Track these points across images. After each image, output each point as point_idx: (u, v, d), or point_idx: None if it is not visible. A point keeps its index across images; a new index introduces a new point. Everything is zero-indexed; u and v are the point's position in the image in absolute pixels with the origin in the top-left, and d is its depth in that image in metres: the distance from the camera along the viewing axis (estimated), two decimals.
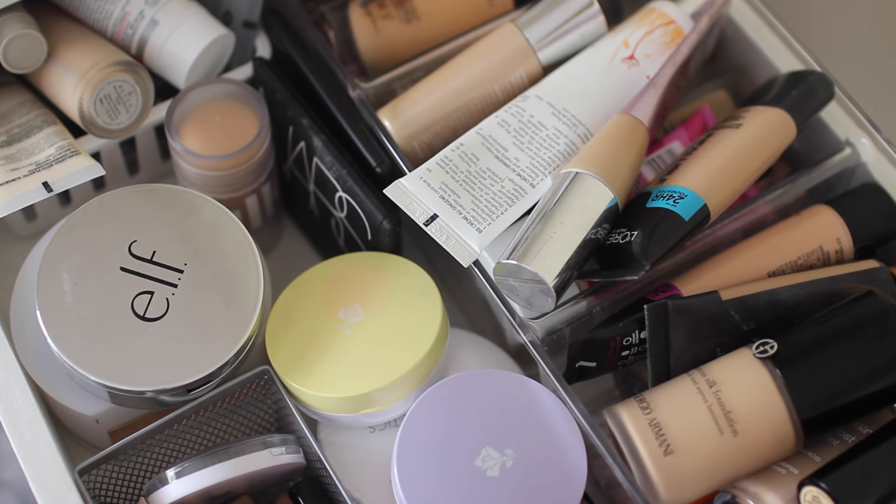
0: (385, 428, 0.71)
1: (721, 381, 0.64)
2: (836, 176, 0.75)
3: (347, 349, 0.70)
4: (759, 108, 0.73)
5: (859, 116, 0.74)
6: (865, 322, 0.64)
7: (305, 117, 0.76)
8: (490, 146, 0.71)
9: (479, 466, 0.65)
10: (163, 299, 0.69)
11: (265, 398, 0.73)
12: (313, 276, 0.74)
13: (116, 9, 0.77)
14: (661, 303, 0.66)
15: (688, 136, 0.77)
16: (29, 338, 0.72)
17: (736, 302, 0.67)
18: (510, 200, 0.69)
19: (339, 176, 0.75)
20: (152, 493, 0.67)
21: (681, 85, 0.74)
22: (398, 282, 0.72)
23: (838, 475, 0.61)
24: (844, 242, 0.72)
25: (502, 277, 0.67)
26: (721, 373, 0.64)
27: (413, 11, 0.80)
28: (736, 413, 0.63)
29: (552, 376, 0.66)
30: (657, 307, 0.66)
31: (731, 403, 0.63)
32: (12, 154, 0.73)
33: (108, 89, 0.74)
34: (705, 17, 0.74)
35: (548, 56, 0.75)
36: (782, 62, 0.78)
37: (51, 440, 0.67)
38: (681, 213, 0.67)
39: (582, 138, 0.71)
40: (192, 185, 0.76)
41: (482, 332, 0.77)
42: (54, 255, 0.70)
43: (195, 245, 0.71)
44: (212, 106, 0.76)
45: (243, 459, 0.67)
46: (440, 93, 0.74)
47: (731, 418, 0.63)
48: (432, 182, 0.69)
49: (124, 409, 0.71)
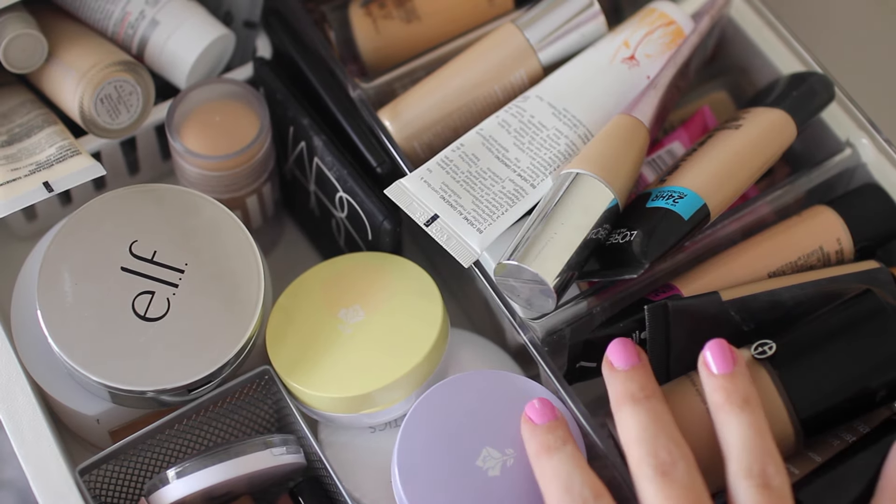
0: (386, 428, 0.71)
1: None
2: (837, 176, 0.75)
3: (348, 349, 0.70)
4: (760, 109, 0.73)
5: (859, 117, 0.74)
6: (864, 321, 0.64)
7: (306, 117, 0.76)
8: (490, 146, 0.71)
9: (479, 467, 0.65)
10: (164, 299, 0.69)
11: (266, 398, 0.73)
12: (314, 276, 0.74)
13: (117, 9, 0.77)
14: (661, 303, 0.66)
15: (688, 136, 0.77)
16: (30, 338, 0.72)
17: (736, 302, 0.67)
18: (511, 201, 0.69)
19: (339, 176, 0.75)
20: (153, 492, 0.67)
21: (681, 85, 0.74)
22: (399, 282, 0.72)
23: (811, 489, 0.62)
24: (844, 243, 0.72)
25: (503, 278, 0.67)
26: None
27: (413, 11, 0.80)
28: None
29: (553, 377, 0.66)
30: (657, 308, 0.66)
31: None
32: (13, 154, 0.73)
33: (109, 89, 0.74)
34: (706, 17, 0.74)
35: (548, 56, 0.75)
36: (782, 63, 0.78)
37: (51, 440, 0.67)
38: (680, 212, 0.67)
39: (582, 139, 0.71)
40: (192, 185, 0.76)
41: (483, 332, 0.77)
42: (55, 254, 0.70)
43: (196, 245, 0.71)
44: (212, 106, 0.76)
45: (244, 459, 0.67)
46: (441, 93, 0.74)
47: None
48: (433, 182, 0.69)
49: (125, 409, 0.71)
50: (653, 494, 0.58)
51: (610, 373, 0.63)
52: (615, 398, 0.62)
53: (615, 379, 0.62)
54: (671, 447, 0.59)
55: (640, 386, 0.61)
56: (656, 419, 0.60)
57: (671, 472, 0.58)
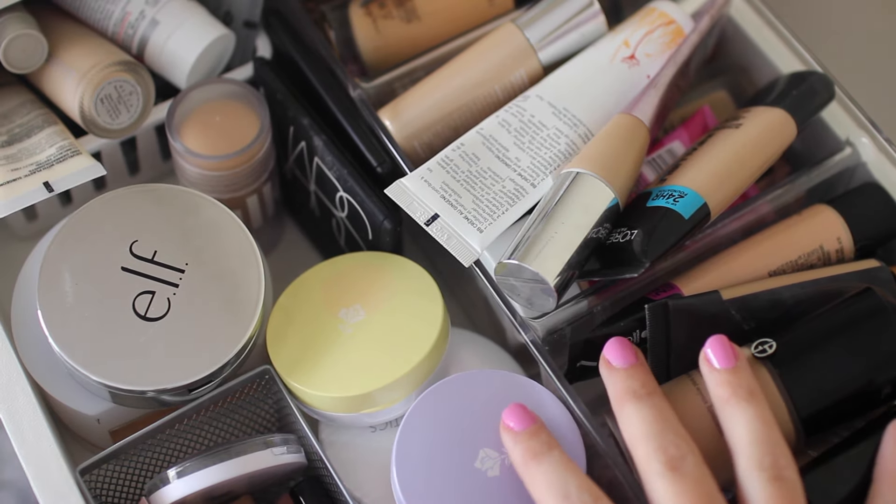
0: (386, 427, 0.71)
1: None
2: (837, 175, 0.75)
3: (348, 349, 0.70)
4: (760, 108, 0.73)
5: (859, 116, 0.74)
6: (864, 319, 0.64)
7: (306, 117, 0.76)
8: (491, 146, 0.71)
9: (479, 467, 0.65)
10: (164, 299, 0.69)
11: (266, 398, 0.73)
12: (314, 275, 0.74)
13: (117, 9, 0.77)
14: (661, 302, 0.66)
15: (688, 135, 0.77)
16: (30, 337, 0.72)
17: (736, 301, 0.67)
18: (511, 200, 0.69)
19: (339, 176, 0.75)
20: (153, 492, 0.67)
21: (681, 85, 0.74)
22: (399, 282, 0.72)
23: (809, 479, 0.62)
24: (845, 242, 0.72)
25: (503, 277, 0.67)
26: None
27: (413, 11, 0.80)
28: None
29: (553, 376, 0.66)
30: (658, 307, 0.66)
31: None
32: (13, 154, 0.73)
33: (109, 89, 0.74)
34: (706, 16, 0.74)
35: (548, 56, 0.75)
36: (782, 62, 0.78)
37: (52, 440, 0.67)
38: (681, 211, 0.67)
39: (583, 138, 0.71)
40: (192, 185, 0.76)
41: (483, 331, 0.77)
42: (55, 254, 0.70)
43: (196, 245, 0.71)
44: (213, 106, 0.76)
45: (244, 459, 0.67)
46: (441, 92, 0.74)
47: None
48: (433, 182, 0.69)
49: (125, 409, 0.71)
50: (664, 490, 0.58)
51: (609, 371, 0.62)
52: (616, 396, 0.61)
53: (615, 377, 0.62)
54: (678, 442, 0.59)
55: (641, 383, 0.61)
56: (661, 415, 0.60)
57: (681, 466, 0.58)
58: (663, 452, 0.58)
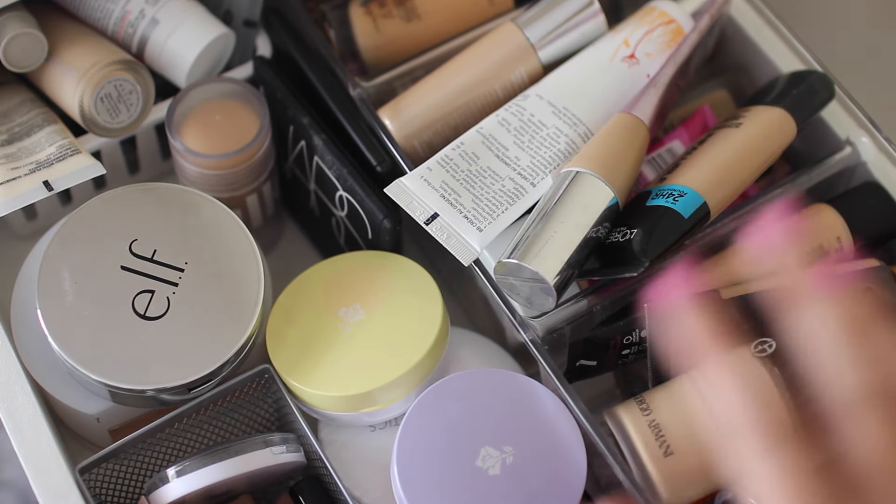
0: (386, 427, 0.71)
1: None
2: (837, 175, 0.75)
3: (348, 348, 0.70)
4: (760, 107, 0.73)
5: (859, 115, 0.74)
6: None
7: (306, 116, 0.76)
8: (490, 145, 0.71)
9: (479, 466, 0.65)
10: (163, 298, 0.69)
11: (266, 397, 0.73)
12: (314, 274, 0.74)
13: (117, 8, 0.77)
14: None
15: (688, 135, 0.77)
16: (30, 336, 0.72)
17: (736, 301, 0.67)
18: (511, 199, 0.69)
19: (339, 175, 0.75)
20: (153, 491, 0.67)
21: (681, 84, 0.74)
22: (399, 281, 0.72)
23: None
24: (845, 241, 0.72)
25: (503, 276, 0.67)
26: None
27: (413, 10, 0.80)
28: None
29: (553, 375, 0.66)
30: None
31: None
32: (13, 153, 0.73)
33: (109, 88, 0.74)
34: (706, 16, 0.74)
35: (548, 55, 0.75)
36: (783, 61, 0.78)
37: (52, 439, 0.67)
38: (680, 210, 0.67)
39: (582, 137, 0.71)
40: (192, 184, 0.76)
41: (483, 331, 0.77)
42: (55, 253, 0.70)
43: (196, 244, 0.71)
44: (212, 105, 0.76)
45: (244, 458, 0.67)
46: (441, 92, 0.74)
47: None
48: (433, 181, 0.69)
49: (125, 408, 0.71)
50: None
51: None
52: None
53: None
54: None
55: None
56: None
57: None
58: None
